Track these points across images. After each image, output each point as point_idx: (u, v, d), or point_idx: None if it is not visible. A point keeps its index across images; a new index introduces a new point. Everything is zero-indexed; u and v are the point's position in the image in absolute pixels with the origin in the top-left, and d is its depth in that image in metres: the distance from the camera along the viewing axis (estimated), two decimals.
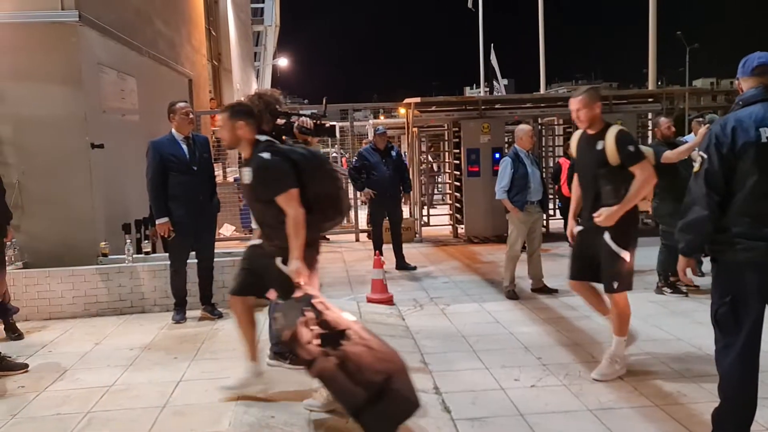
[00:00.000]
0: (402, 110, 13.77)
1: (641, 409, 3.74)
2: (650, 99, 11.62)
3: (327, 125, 4.15)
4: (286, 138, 4.33)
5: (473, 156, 10.31)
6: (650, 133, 11.13)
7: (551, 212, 10.96)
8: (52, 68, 6.26)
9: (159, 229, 5.50)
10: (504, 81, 25.29)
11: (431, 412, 3.80)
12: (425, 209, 12.41)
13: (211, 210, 5.71)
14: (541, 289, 6.72)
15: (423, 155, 12.56)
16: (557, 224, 10.78)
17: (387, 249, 8.05)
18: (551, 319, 5.73)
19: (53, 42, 6.26)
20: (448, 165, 12.15)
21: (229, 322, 5.50)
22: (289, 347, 3.35)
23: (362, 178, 8.27)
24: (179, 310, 5.62)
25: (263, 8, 26.73)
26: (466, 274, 7.94)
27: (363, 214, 11.15)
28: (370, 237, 9.45)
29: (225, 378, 4.11)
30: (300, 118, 4.09)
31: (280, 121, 4.13)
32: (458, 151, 10.66)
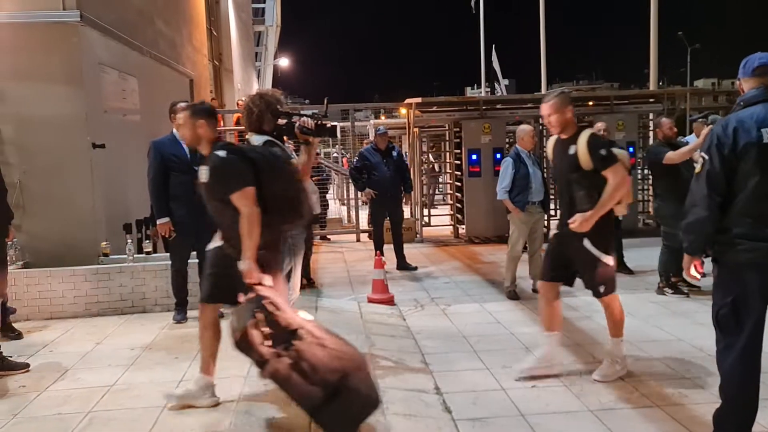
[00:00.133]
0: (403, 110, 13.75)
1: (642, 410, 3.74)
2: (651, 99, 11.59)
3: (328, 125, 4.15)
4: (288, 138, 4.34)
5: (474, 156, 10.32)
6: (651, 134, 11.14)
7: (552, 212, 10.95)
8: (54, 68, 6.26)
9: (160, 229, 5.50)
10: (505, 81, 25.30)
11: (432, 413, 3.80)
12: (426, 209, 12.41)
13: None
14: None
15: (424, 155, 12.57)
16: None
17: (388, 249, 8.05)
18: None
19: (54, 42, 6.26)
20: (449, 165, 12.16)
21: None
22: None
23: (363, 179, 8.28)
24: (180, 310, 5.61)
25: (264, 8, 26.78)
26: (467, 275, 7.95)
27: (364, 215, 11.16)
28: (371, 237, 9.46)
29: (226, 377, 4.12)
30: (301, 119, 4.09)
31: (282, 122, 4.14)
32: (459, 152, 10.67)
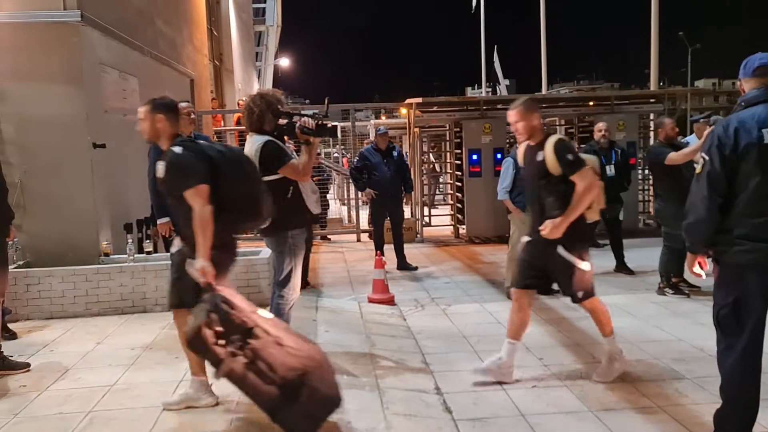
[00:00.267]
0: (403, 110, 13.75)
1: (643, 410, 3.73)
2: (652, 99, 11.59)
3: (329, 125, 4.15)
4: (288, 138, 4.34)
5: (475, 156, 10.32)
6: (652, 134, 11.14)
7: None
8: (54, 68, 6.26)
9: (160, 229, 5.49)
10: (506, 81, 25.29)
11: (432, 413, 3.80)
12: (427, 209, 12.41)
13: None
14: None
15: (424, 155, 12.57)
16: None
17: (388, 249, 8.05)
18: (552, 320, 5.73)
19: (55, 42, 6.26)
20: (450, 165, 12.16)
21: None
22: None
23: (364, 179, 8.28)
24: None
25: (265, 8, 26.80)
26: (468, 275, 7.94)
27: (364, 215, 11.16)
28: (372, 237, 9.46)
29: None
30: (302, 119, 4.10)
31: (282, 122, 4.14)
32: (460, 152, 10.67)
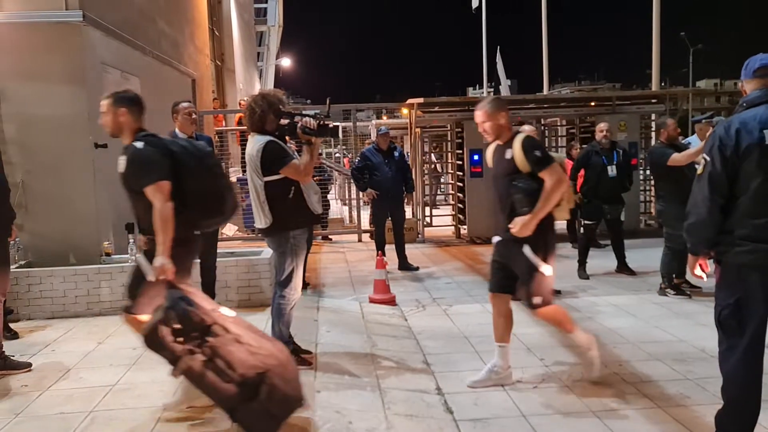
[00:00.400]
0: (405, 111, 13.77)
1: (644, 411, 3.73)
2: (653, 100, 11.55)
3: (330, 125, 4.15)
4: (290, 138, 4.35)
5: (476, 156, 10.31)
6: (653, 134, 11.13)
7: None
8: (56, 68, 6.28)
9: None
10: (507, 82, 25.25)
11: (434, 413, 3.80)
12: (428, 210, 12.42)
13: None
14: None
15: (426, 156, 12.57)
16: (560, 225, 10.74)
17: (389, 249, 8.05)
18: None
19: (57, 42, 6.27)
20: (451, 165, 12.16)
21: None
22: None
23: (365, 179, 8.27)
24: None
25: (266, 8, 26.80)
26: (469, 275, 7.94)
27: (366, 215, 11.16)
28: (373, 237, 9.46)
29: None
30: (303, 119, 4.10)
31: (284, 122, 4.14)
32: (461, 152, 10.66)
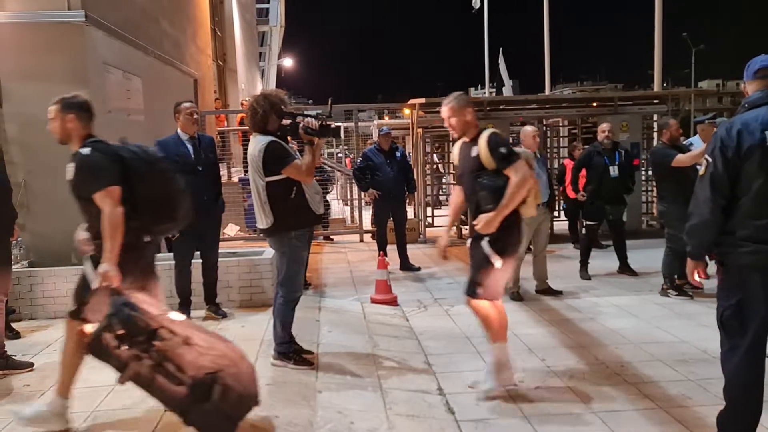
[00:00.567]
0: (407, 111, 13.77)
1: (645, 412, 3.73)
2: (655, 100, 11.52)
3: (332, 126, 4.16)
4: (292, 138, 4.35)
5: None
6: (655, 135, 11.11)
7: (555, 213, 10.94)
8: (58, 68, 6.27)
9: None
10: (510, 82, 25.24)
11: (435, 413, 3.80)
12: (429, 210, 12.41)
13: (216, 210, 5.70)
14: (546, 291, 6.71)
15: (428, 156, 12.56)
16: (562, 225, 10.77)
17: (391, 250, 8.06)
18: (555, 321, 5.72)
19: (59, 42, 6.27)
20: (453, 166, 12.13)
21: (234, 322, 5.52)
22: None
23: (366, 179, 8.28)
24: (184, 310, 5.59)
25: (268, 8, 26.84)
26: None
27: (367, 215, 11.16)
28: (374, 238, 9.46)
29: None
30: (305, 119, 4.10)
31: (286, 122, 4.15)
32: None
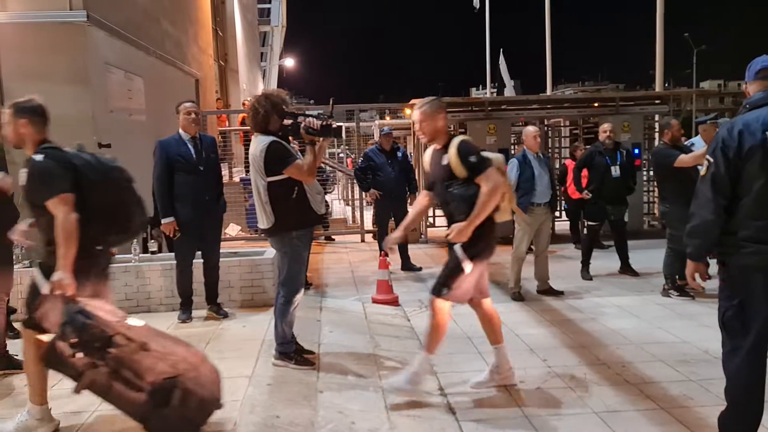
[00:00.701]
0: (408, 111, 13.75)
1: (647, 412, 3.73)
2: (657, 101, 11.52)
3: (333, 126, 4.15)
4: (293, 138, 4.35)
5: None
6: (657, 135, 11.11)
7: (557, 214, 10.94)
8: (60, 68, 6.29)
9: (165, 229, 5.49)
10: (511, 83, 25.23)
11: (436, 413, 3.80)
12: (431, 210, 12.40)
13: (218, 210, 5.70)
14: (547, 291, 6.72)
15: None
16: (563, 226, 10.77)
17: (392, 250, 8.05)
18: (557, 321, 5.72)
19: (61, 42, 6.29)
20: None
21: (235, 322, 5.53)
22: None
23: (368, 179, 8.28)
24: (185, 310, 5.62)
25: (270, 9, 26.87)
26: None
27: (369, 215, 11.16)
28: (376, 238, 9.46)
29: (231, 378, 4.12)
30: (307, 119, 4.10)
31: (287, 122, 4.14)
32: None
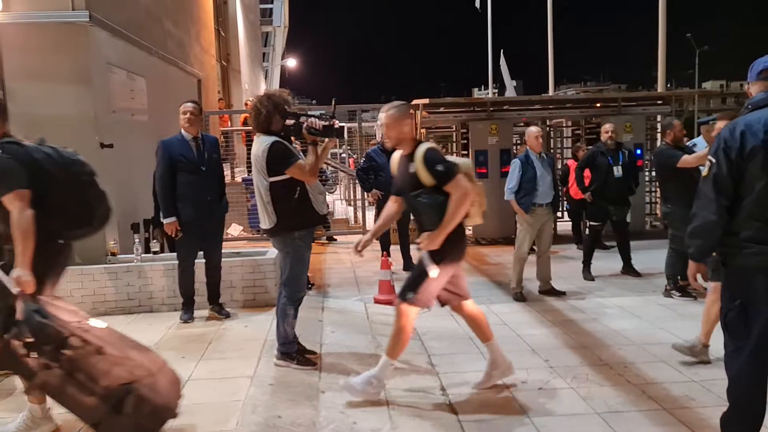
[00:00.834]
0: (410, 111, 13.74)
1: (649, 413, 3.73)
2: (659, 101, 11.50)
3: (336, 126, 4.16)
4: (295, 139, 4.36)
5: (481, 157, 10.30)
6: (659, 136, 11.10)
7: (559, 214, 10.94)
8: (62, 68, 6.29)
9: (166, 229, 5.50)
10: (513, 83, 25.23)
11: (438, 414, 3.81)
12: None
13: (220, 211, 5.71)
14: (549, 291, 6.71)
15: None
16: (565, 226, 10.77)
17: (394, 250, 8.05)
18: (559, 322, 5.72)
19: (63, 42, 6.28)
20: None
21: (237, 322, 5.53)
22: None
23: (370, 179, 8.27)
24: (187, 310, 5.63)
25: (272, 9, 26.90)
26: (474, 276, 7.93)
27: (370, 216, 11.16)
28: (378, 238, 9.45)
29: (233, 377, 4.13)
30: (309, 119, 4.11)
31: (289, 122, 4.15)
32: (466, 153, 10.65)
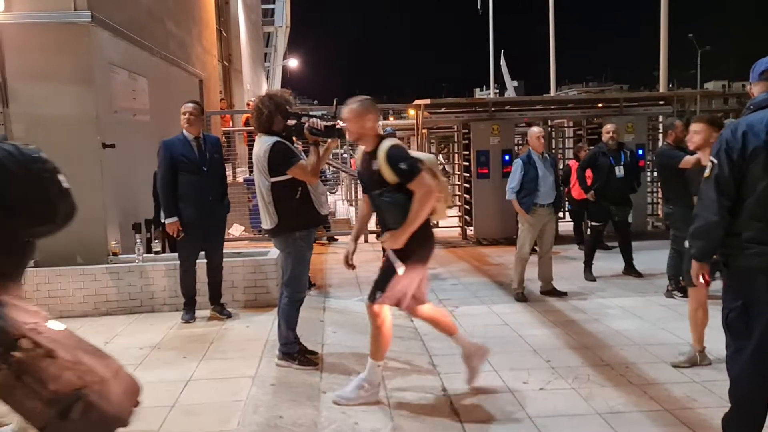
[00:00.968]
0: (411, 111, 13.74)
1: (650, 413, 3.72)
2: (661, 102, 11.49)
3: (337, 126, 4.16)
4: (297, 139, 4.36)
5: (483, 158, 10.31)
6: (661, 136, 11.10)
7: (560, 214, 10.93)
8: (64, 68, 6.29)
9: (168, 229, 5.50)
10: (514, 83, 25.24)
11: (439, 414, 3.81)
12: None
13: (222, 211, 5.71)
14: (551, 292, 6.71)
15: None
16: (567, 226, 10.76)
17: None
18: (560, 322, 5.71)
19: (65, 42, 6.29)
20: (458, 167, 12.15)
21: (239, 322, 5.54)
22: None
23: None
24: (189, 310, 5.63)
25: (274, 9, 26.92)
26: (475, 276, 7.93)
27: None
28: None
29: (234, 377, 4.14)
30: (310, 120, 4.11)
31: (291, 122, 4.16)
32: (468, 153, 10.66)
